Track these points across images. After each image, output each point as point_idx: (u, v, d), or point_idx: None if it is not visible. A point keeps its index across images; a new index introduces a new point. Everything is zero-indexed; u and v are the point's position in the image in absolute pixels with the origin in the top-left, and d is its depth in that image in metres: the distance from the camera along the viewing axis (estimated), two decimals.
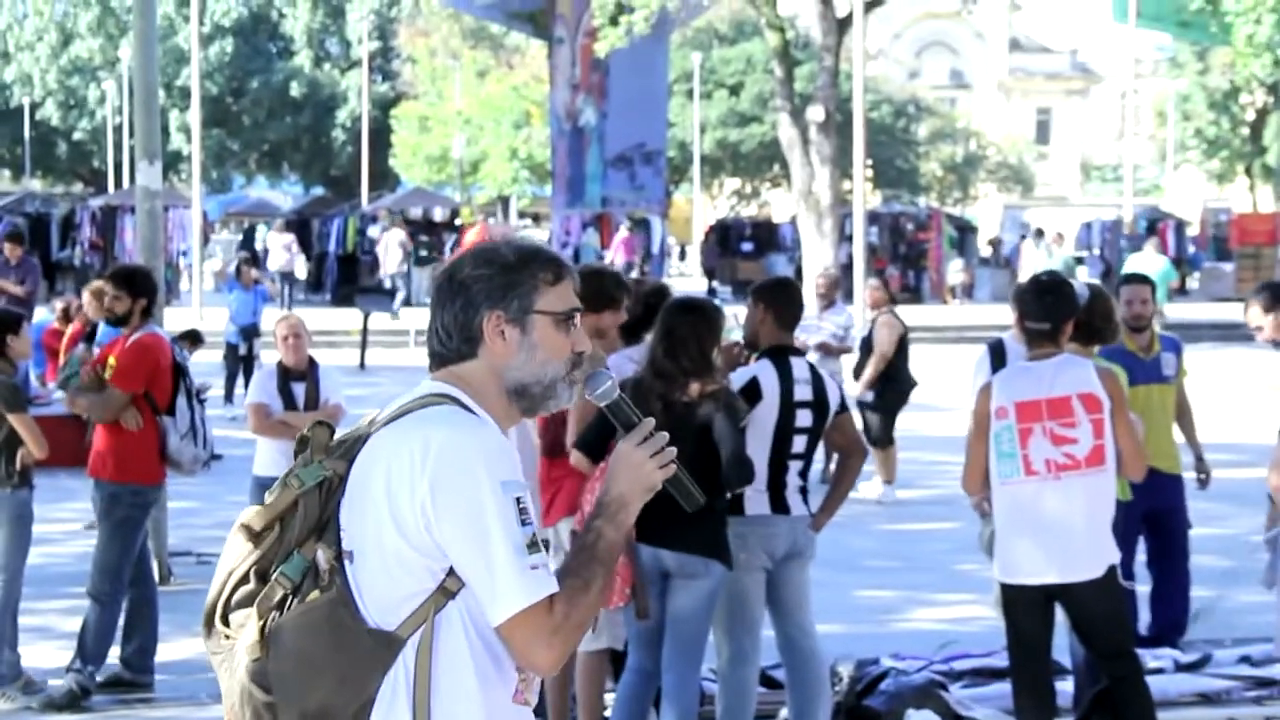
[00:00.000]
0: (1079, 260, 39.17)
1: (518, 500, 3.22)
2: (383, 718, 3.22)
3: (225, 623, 3.32)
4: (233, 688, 3.31)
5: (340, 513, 3.29)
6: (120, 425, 9.00)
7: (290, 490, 3.30)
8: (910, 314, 35.46)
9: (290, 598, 3.27)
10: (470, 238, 38.79)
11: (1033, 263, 31.90)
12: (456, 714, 3.22)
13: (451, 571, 3.22)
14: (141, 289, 9.14)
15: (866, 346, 15.12)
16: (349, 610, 3.23)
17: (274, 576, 3.28)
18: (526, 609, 3.18)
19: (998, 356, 8.92)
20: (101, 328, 13.76)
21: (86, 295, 14.18)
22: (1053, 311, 7.13)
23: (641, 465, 3.36)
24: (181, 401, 9.13)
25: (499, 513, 3.19)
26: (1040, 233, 41.18)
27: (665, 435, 3.40)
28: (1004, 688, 7.98)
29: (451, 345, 3.39)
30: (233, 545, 3.34)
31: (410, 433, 3.26)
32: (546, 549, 3.28)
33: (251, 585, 3.31)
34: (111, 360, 9.14)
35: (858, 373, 15.07)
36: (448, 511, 3.19)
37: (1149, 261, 29.39)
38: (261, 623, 3.26)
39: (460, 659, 3.23)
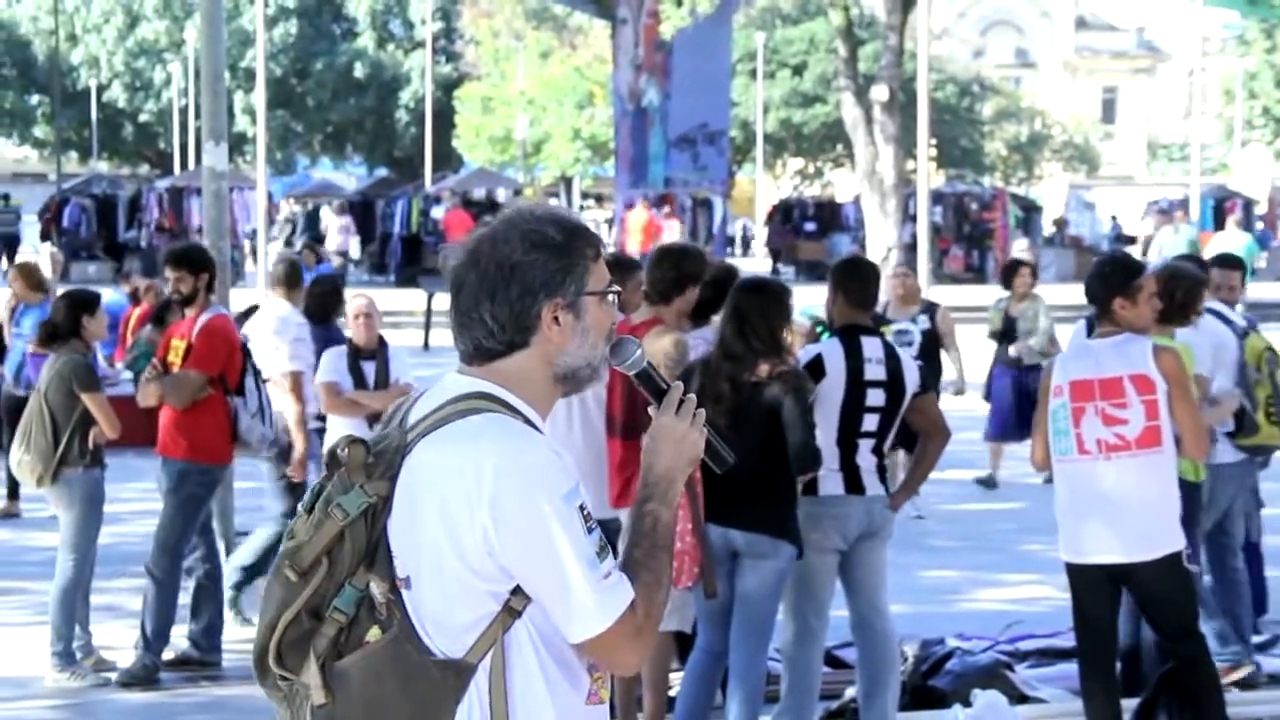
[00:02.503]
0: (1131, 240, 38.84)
1: (580, 509, 3.07)
2: None
3: (281, 664, 3.16)
4: None
5: (389, 537, 3.13)
6: (194, 405, 9.04)
7: (334, 522, 3.11)
8: (975, 294, 35.37)
9: (345, 631, 3.13)
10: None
11: (1163, 245, 31.12)
12: None
13: (515, 590, 3.08)
14: (199, 265, 9.17)
15: (930, 344, 12.89)
16: (414, 645, 3.09)
17: (328, 613, 3.13)
18: (614, 623, 3.07)
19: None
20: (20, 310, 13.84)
21: (12, 273, 14.01)
22: (1093, 292, 7.13)
23: (686, 437, 3.22)
24: (250, 381, 9.20)
25: (566, 531, 3.04)
26: (1167, 210, 40.12)
27: (693, 398, 3.26)
28: (1070, 668, 7.97)
29: (504, 337, 3.17)
30: (278, 585, 3.16)
31: (461, 454, 3.08)
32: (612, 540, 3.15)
33: (304, 624, 3.14)
34: (176, 342, 9.19)
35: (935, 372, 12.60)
36: (513, 537, 3.04)
37: (1232, 239, 29.07)
38: (321, 662, 3.12)
39: (532, 676, 3.10)
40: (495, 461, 3.05)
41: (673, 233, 36.53)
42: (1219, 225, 40.36)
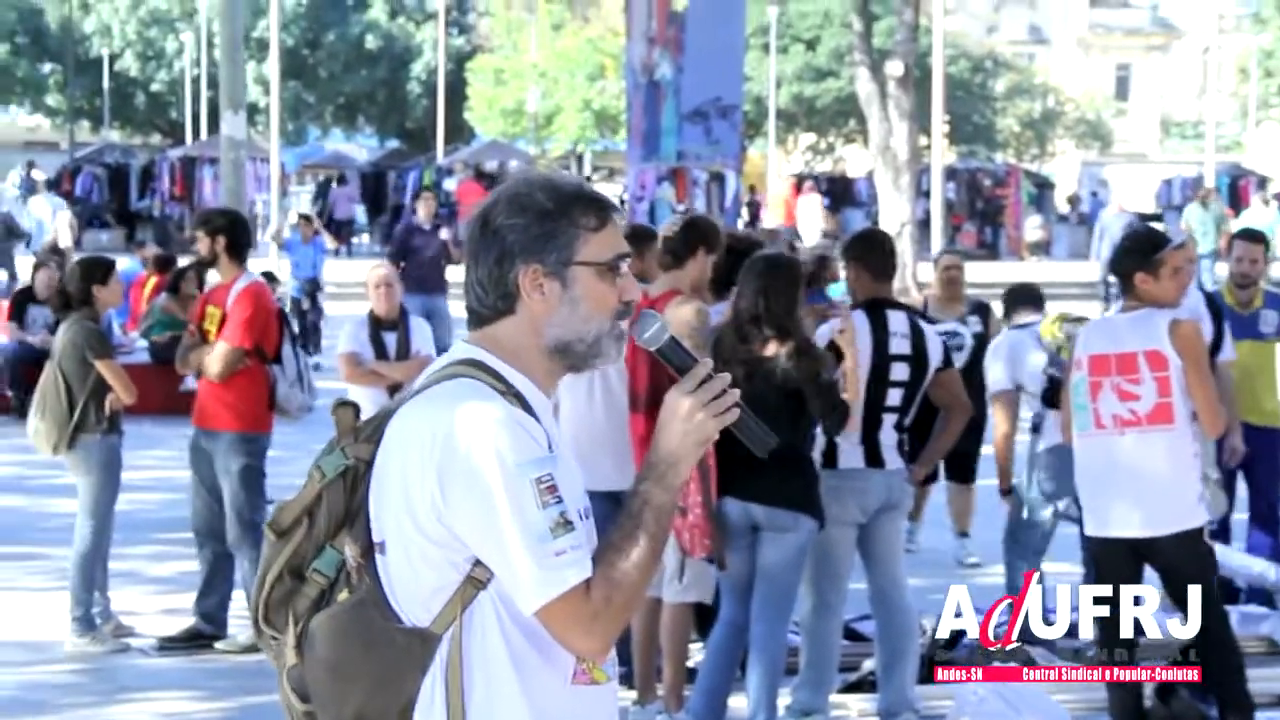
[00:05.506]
0: (1157, 218, 38.73)
1: (538, 480, 2.95)
2: None
3: (269, 624, 3.16)
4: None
5: (369, 501, 3.10)
6: (234, 376, 8.97)
7: (313, 483, 3.12)
8: (987, 271, 35.38)
9: (327, 594, 3.11)
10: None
11: (1189, 218, 30.84)
12: (495, 712, 3.01)
13: (479, 561, 2.99)
14: (215, 227, 9.00)
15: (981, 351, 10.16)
16: (379, 610, 3.04)
17: (308, 573, 3.12)
18: (556, 599, 2.94)
19: None
20: None
21: None
22: (1115, 266, 7.17)
23: (691, 416, 3.02)
24: (287, 349, 9.16)
25: (511, 499, 2.94)
26: (1202, 190, 39.55)
27: (726, 378, 3.06)
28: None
29: (488, 301, 3.11)
30: (266, 545, 3.18)
31: (423, 419, 3.03)
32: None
33: (287, 584, 3.13)
34: (211, 309, 9.13)
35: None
36: (457, 501, 2.97)
37: (1259, 215, 29.09)
38: (299, 625, 3.11)
39: (495, 652, 3.00)
40: (448, 421, 2.99)
41: (812, 206, 37.17)
42: (1233, 203, 40.30)
